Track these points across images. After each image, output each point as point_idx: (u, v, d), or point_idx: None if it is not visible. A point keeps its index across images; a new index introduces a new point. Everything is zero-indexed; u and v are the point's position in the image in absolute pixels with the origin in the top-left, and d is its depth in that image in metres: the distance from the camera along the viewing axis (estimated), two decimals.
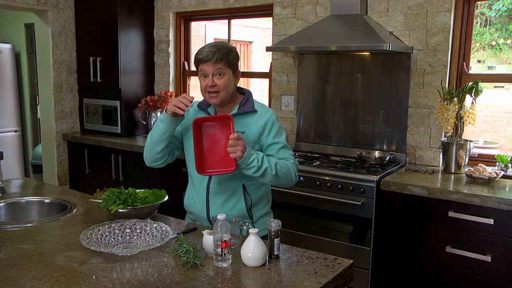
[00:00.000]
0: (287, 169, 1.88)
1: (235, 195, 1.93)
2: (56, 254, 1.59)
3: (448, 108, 2.79)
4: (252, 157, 1.77)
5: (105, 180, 4.02)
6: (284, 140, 1.94)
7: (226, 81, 1.85)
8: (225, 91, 1.86)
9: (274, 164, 1.83)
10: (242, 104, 1.93)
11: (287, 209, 3.04)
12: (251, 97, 1.97)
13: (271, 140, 1.91)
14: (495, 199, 2.31)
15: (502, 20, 3.55)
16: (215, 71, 1.83)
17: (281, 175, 1.86)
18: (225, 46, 1.86)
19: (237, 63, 1.91)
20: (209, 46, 1.86)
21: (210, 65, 1.82)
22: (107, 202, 1.84)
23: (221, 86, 1.84)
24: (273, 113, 1.95)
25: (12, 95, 5.62)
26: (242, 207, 1.92)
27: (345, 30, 3.07)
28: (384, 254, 2.72)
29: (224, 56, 1.82)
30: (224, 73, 1.84)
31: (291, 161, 1.92)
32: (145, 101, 4.14)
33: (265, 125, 1.90)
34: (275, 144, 1.91)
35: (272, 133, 1.91)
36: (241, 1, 3.80)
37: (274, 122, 1.92)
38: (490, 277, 2.39)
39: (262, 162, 1.79)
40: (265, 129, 1.90)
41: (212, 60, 1.81)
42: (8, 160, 5.31)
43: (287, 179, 1.90)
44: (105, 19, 4.11)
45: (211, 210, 1.94)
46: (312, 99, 3.52)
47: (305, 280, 1.41)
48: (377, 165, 2.98)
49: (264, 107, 1.97)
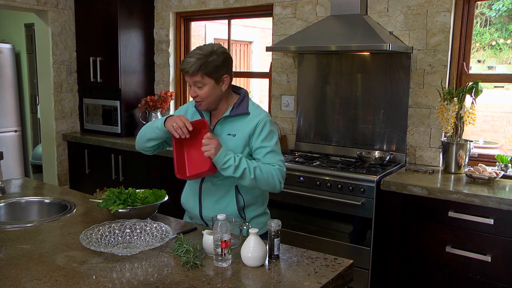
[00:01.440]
0: (269, 174, 1.83)
1: (227, 196, 1.93)
2: (56, 254, 1.59)
3: (448, 108, 2.79)
4: (227, 156, 1.76)
5: (105, 180, 4.02)
6: (274, 145, 1.89)
7: (206, 91, 1.83)
8: (207, 100, 1.86)
9: (254, 167, 1.80)
10: (235, 106, 1.91)
11: (287, 209, 3.04)
12: (246, 98, 1.94)
13: (259, 144, 1.87)
14: (495, 199, 2.31)
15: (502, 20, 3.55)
16: (194, 83, 1.83)
17: (261, 179, 1.81)
18: (206, 54, 1.80)
19: (221, 70, 1.83)
20: (190, 55, 1.81)
21: (188, 77, 1.83)
22: (107, 202, 1.84)
23: (203, 96, 1.84)
24: (266, 116, 1.90)
25: (12, 95, 5.62)
26: (234, 208, 1.92)
27: (345, 30, 3.07)
28: (384, 254, 2.72)
29: (202, 67, 1.78)
30: (204, 84, 1.81)
31: (276, 167, 1.85)
32: (145, 101, 4.14)
33: (255, 127, 1.87)
34: (263, 148, 1.87)
35: (261, 137, 1.87)
36: (241, 1, 3.80)
37: (265, 125, 1.88)
38: (490, 277, 2.39)
39: (239, 162, 1.77)
40: (255, 132, 1.87)
41: (189, 73, 1.80)
42: (8, 160, 5.31)
43: (269, 184, 1.85)
44: (105, 19, 4.11)
45: (203, 209, 1.97)
46: (312, 99, 3.52)
47: (305, 280, 1.41)
48: (377, 165, 2.98)
49: (257, 109, 1.93)
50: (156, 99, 4.15)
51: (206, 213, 1.96)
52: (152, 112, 4.17)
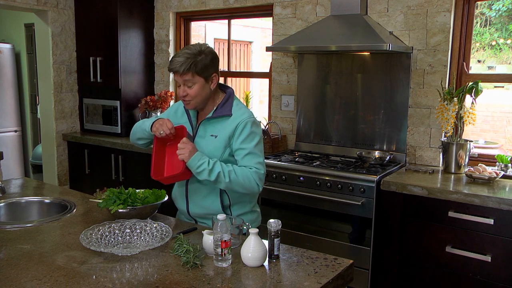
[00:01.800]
0: (245, 177, 1.84)
1: (212, 194, 1.96)
2: (56, 254, 1.59)
3: (448, 108, 2.79)
4: (201, 161, 1.80)
5: (105, 180, 4.02)
6: (253, 147, 1.88)
7: (196, 90, 1.86)
8: (196, 99, 1.88)
9: (228, 170, 1.82)
10: (219, 107, 1.93)
11: (287, 209, 3.04)
12: (231, 99, 1.95)
13: (238, 145, 1.88)
14: (495, 199, 2.31)
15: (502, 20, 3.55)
16: (184, 82, 1.85)
17: (237, 182, 1.83)
18: (195, 53, 1.83)
19: (210, 69, 1.86)
20: (179, 54, 1.84)
21: (178, 77, 1.86)
22: (107, 202, 1.84)
23: (192, 95, 1.87)
24: (249, 117, 1.90)
25: (12, 95, 5.62)
26: (218, 206, 1.95)
27: (345, 30, 3.07)
28: (384, 254, 2.72)
29: (192, 67, 1.81)
30: (194, 83, 1.85)
31: (253, 170, 1.85)
32: (145, 101, 4.14)
33: (235, 128, 1.88)
34: (241, 150, 1.88)
35: (241, 138, 1.87)
36: (241, 1, 3.80)
37: (245, 126, 1.88)
38: (490, 277, 2.39)
39: (213, 166, 1.80)
40: (235, 133, 1.88)
41: (179, 72, 1.83)
42: (8, 160, 5.31)
43: (245, 187, 1.86)
44: (105, 19, 4.11)
45: (190, 206, 2.01)
46: (312, 99, 3.52)
47: (305, 280, 1.41)
48: (377, 165, 2.98)
49: (241, 110, 1.93)
50: (156, 99, 4.15)
51: (193, 210, 2.01)
52: (152, 112, 4.17)
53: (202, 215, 1.99)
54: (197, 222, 2.01)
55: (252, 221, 2.03)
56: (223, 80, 4.25)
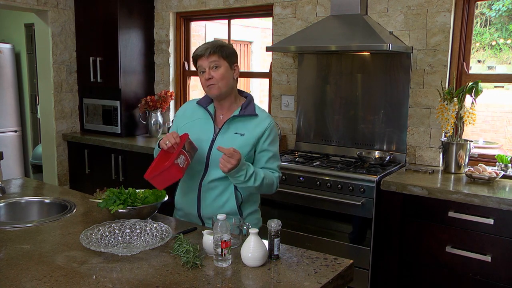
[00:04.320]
0: (271, 182, 1.94)
1: (227, 191, 1.95)
2: (56, 254, 1.59)
3: (448, 108, 2.79)
4: (240, 173, 1.80)
5: (105, 180, 4.02)
6: (276, 150, 2.00)
7: (222, 72, 1.90)
8: (222, 82, 1.91)
9: (262, 179, 1.87)
10: (244, 107, 1.97)
11: (287, 209, 3.04)
12: (252, 102, 2.02)
13: (266, 147, 1.96)
14: (495, 199, 2.31)
15: (502, 20, 3.55)
16: (210, 64, 1.89)
17: (263, 188, 1.92)
18: (220, 42, 1.95)
19: (234, 58, 1.96)
20: (205, 43, 1.95)
21: (204, 59, 1.90)
22: (107, 202, 1.84)
23: (218, 78, 1.90)
24: (273, 120, 2.02)
25: (12, 95, 5.62)
26: (233, 204, 1.95)
27: (345, 30, 3.07)
28: (384, 254, 2.72)
29: (218, 50, 1.89)
30: (220, 65, 1.90)
31: (276, 175, 1.98)
32: (145, 101, 4.14)
33: (265, 130, 1.95)
34: (267, 152, 1.96)
35: (268, 141, 1.96)
36: (241, 1, 3.80)
37: (272, 129, 1.98)
38: (490, 277, 2.39)
39: (248, 179, 1.83)
40: (263, 134, 1.95)
41: (206, 54, 1.89)
42: (8, 160, 5.31)
43: (267, 191, 1.97)
44: (105, 19, 4.11)
45: (202, 206, 1.98)
46: (312, 99, 3.51)
47: (305, 280, 1.41)
48: (377, 165, 2.98)
49: (264, 113, 2.02)
50: (156, 99, 4.15)
51: (205, 211, 1.97)
52: (152, 112, 4.18)
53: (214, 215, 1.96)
54: (204, 224, 1.99)
55: (259, 219, 2.09)
56: None
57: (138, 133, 4.33)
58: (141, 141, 3.98)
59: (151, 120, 4.18)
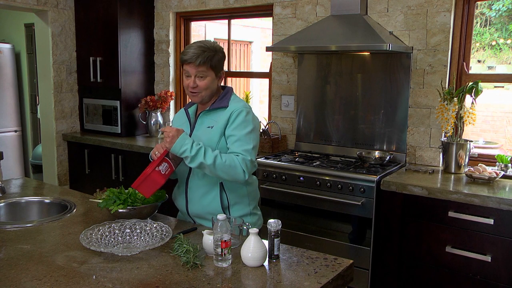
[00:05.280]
0: (231, 162, 1.80)
1: (211, 192, 1.95)
2: (56, 254, 1.59)
3: (448, 108, 2.79)
4: (184, 147, 1.76)
5: (105, 180, 4.02)
6: (244, 134, 1.86)
7: (207, 83, 1.90)
8: (205, 92, 1.92)
9: (214, 157, 1.77)
10: (217, 100, 1.96)
11: (287, 209, 3.04)
12: (229, 93, 1.99)
13: (230, 132, 1.88)
14: (495, 199, 2.31)
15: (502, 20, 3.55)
16: (197, 73, 1.88)
17: (222, 167, 1.79)
18: (211, 48, 1.89)
19: (222, 64, 1.94)
20: (195, 47, 1.88)
21: (193, 67, 1.88)
22: (107, 202, 1.84)
23: (202, 87, 1.90)
24: (243, 106, 1.92)
25: (12, 95, 5.62)
26: (218, 205, 1.94)
27: (345, 30, 3.06)
28: (384, 254, 2.72)
29: (208, 60, 1.86)
30: (206, 76, 1.89)
31: (241, 157, 1.82)
32: (145, 101, 4.14)
33: (229, 117, 1.90)
34: (232, 137, 1.88)
35: (233, 126, 1.88)
36: (241, 1, 3.80)
37: (239, 114, 1.88)
38: (490, 277, 2.39)
39: (197, 152, 1.76)
40: (228, 121, 1.90)
41: (195, 63, 1.86)
42: (8, 160, 5.31)
43: (230, 174, 1.81)
44: (105, 19, 4.11)
45: (189, 205, 2.00)
46: (312, 99, 3.51)
47: (305, 280, 1.41)
48: (377, 165, 2.98)
49: (237, 102, 1.95)
50: (156, 99, 4.15)
51: (192, 209, 1.99)
52: (152, 112, 4.18)
53: (201, 214, 1.98)
54: (195, 223, 2.00)
55: (253, 224, 2.02)
56: (224, 80, 4.25)
57: (138, 133, 4.33)
58: (141, 141, 3.98)
59: (151, 120, 4.18)
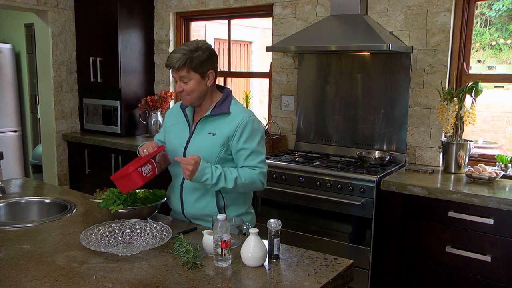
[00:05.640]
0: (251, 180, 1.87)
1: (207, 194, 1.94)
2: (56, 254, 1.59)
3: (448, 108, 2.79)
4: (205, 176, 1.79)
5: (105, 180, 3.98)
6: (255, 145, 1.89)
7: (192, 86, 1.87)
8: (193, 95, 1.89)
9: (234, 179, 1.83)
10: (217, 105, 1.93)
11: (287, 209, 3.04)
12: (229, 98, 1.96)
13: (241, 145, 1.88)
14: (495, 199, 2.31)
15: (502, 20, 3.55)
16: (179, 78, 1.87)
17: (242, 186, 1.87)
18: (192, 49, 1.84)
19: (208, 65, 1.88)
20: (176, 51, 1.86)
21: (174, 72, 1.87)
22: (107, 202, 1.84)
23: (188, 91, 1.89)
24: (248, 116, 1.91)
25: (12, 95, 5.62)
26: (214, 207, 1.94)
27: (345, 30, 3.06)
28: (384, 254, 2.72)
29: (187, 63, 1.82)
30: (190, 79, 1.86)
31: (258, 172, 1.88)
32: (145, 101, 4.14)
33: (236, 129, 1.88)
34: (244, 150, 1.88)
35: (243, 138, 1.87)
36: (241, 1, 3.80)
37: (245, 126, 1.88)
38: (490, 277, 2.39)
39: (217, 181, 1.81)
40: (235, 134, 1.88)
41: (175, 68, 1.85)
42: (8, 160, 5.31)
43: (251, 188, 1.93)
44: (105, 19, 4.11)
45: (185, 207, 1.98)
46: (312, 99, 3.51)
47: (305, 280, 1.41)
48: (377, 165, 2.98)
49: (239, 109, 1.94)
50: (156, 99, 4.15)
51: (188, 210, 1.98)
52: (152, 112, 4.18)
53: (197, 216, 1.97)
54: (191, 222, 1.99)
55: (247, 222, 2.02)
56: (223, 80, 4.25)
57: (138, 133, 4.33)
58: (141, 141, 3.97)
59: (151, 120, 4.18)
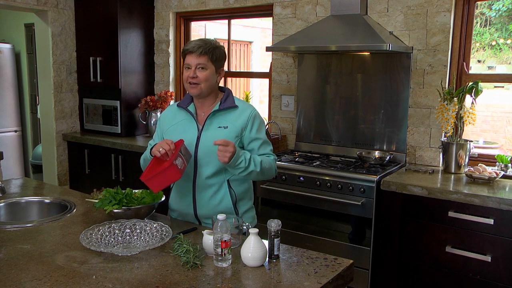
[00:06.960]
0: (270, 165, 1.96)
1: (221, 190, 1.96)
2: (56, 254, 1.59)
3: (448, 108, 2.79)
4: (240, 159, 1.82)
5: (105, 180, 4.02)
6: (264, 136, 2.01)
7: (207, 75, 1.91)
8: (205, 84, 1.92)
9: (260, 162, 1.89)
10: (223, 101, 1.98)
11: (287, 209, 3.04)
12: (231, 94, 2.04)
13: (254, 136, 1.96)
14: (495, 199, 2.31)
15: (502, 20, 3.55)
16: (198, 64, 1.90)
17: (265, 171, 1.93)
18: (213, 43, 1.93)
19: (222, 62, 1.97)
20: (198, 40, 1.94)
21: (194, 57, 1.90)
22: (103, 202, 1.84)
23: (202, 79, 1.91)
24: (254, 109, 2.02)
25: (12, 95, 5.62)
26: (228, 202, 1.95)
27: (345, 30, 3.06)
28: (384, 254, 2.72)
29: (209, 51, 1.89)
30: (207, 68, 1.91)
31: (272, 158, 2.00)
32: (145, 101, 4.14)
33: (247, 120, 1.95)
34: (257, 140, 1.97)
35: (254, 129, 1.96)
36: (241, 1, 3.80)
37: (255, 117, 1.98)
38: (490, 277, 2.39)
39: (249, 164, 1.85)
40: (247, 124, 1.95)
41: (197, 53, 1.89)
42: (8, 160, 5.31)
43: (269, 175, 2.00)
44: (105, 19, 4.11)
45: (198, 206, 1.98)
46: (312, 99, 3.51)
47: (305, 280, 1.41)
48: (377, 165, 2.98)
49: (244, 103, 2.03)
50: (156, 99, 4.15)
51: (201, 211, 1.97)
52: (152, 112, 4.17)
53: (211, 215, 1.93)
54: (201, 224, 1.99)
55: (254, 217, 2.09)
56: (224, 80, 4.25)
57: (138, 133, 4.33)
58: (141, 141, 3.98)
59: (151, 120, 4.18)
